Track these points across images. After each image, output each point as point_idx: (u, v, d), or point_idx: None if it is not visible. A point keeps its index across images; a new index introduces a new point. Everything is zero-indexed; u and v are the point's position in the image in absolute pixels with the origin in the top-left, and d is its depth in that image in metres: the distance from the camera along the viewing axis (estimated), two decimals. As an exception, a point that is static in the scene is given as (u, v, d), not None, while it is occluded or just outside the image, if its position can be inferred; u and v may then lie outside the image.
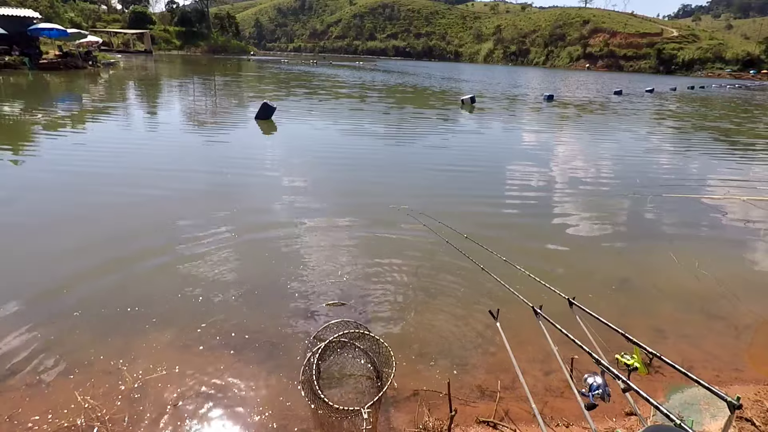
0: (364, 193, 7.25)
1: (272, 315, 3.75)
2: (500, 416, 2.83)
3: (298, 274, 4.40)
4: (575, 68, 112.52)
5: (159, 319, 3.57)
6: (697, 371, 3.34)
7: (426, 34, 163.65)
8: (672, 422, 1.34)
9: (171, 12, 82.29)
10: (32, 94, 17.62)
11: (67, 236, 5.02)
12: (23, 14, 28.25)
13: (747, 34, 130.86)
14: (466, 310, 3.98)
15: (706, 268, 5.14)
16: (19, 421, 2.56)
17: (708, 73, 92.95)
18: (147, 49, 60.93)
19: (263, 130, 12.26)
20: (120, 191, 6.55)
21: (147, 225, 5.46)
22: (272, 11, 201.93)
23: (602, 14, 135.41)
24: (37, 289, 3.92)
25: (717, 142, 14.73)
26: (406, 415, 2.81)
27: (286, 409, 2.78)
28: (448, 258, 4.74)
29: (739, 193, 8.30)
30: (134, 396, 2.79)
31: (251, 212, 6.08)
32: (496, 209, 6.84)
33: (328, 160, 9.34)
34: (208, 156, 9.17)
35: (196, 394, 2.84)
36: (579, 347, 1.86)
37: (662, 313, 4.13)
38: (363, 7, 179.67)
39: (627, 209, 7.13)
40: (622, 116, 20.82)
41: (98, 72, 29.21)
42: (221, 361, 3.15)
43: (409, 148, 11.00)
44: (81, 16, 58.12)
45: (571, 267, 4.97)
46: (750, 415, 2.87)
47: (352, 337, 3.13)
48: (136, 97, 19.02)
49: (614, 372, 1.65)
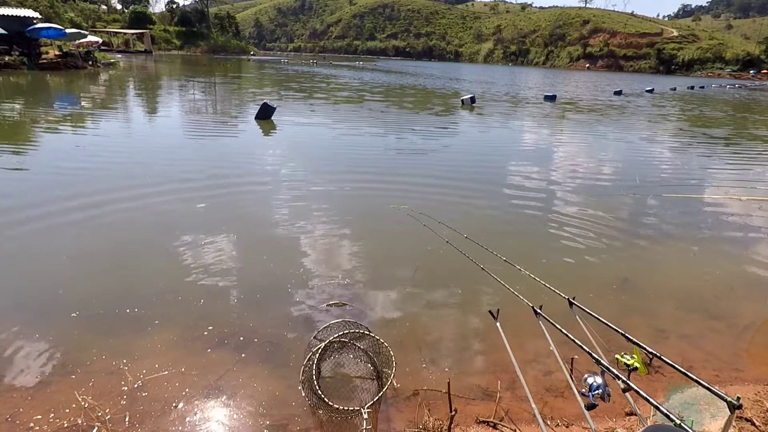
0: (364, 193, 7.25)
1: (272, 315, 3.75)
2: (500, 416, 2.83)
3: (298, 274, 4.40)
4: (575, 68, 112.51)
5: (159, 319, 3.57)
6: (697, 371, 3.34)
7: (426, 34, 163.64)
8: (672, 422, 1.34)
9: (171, 12, 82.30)
10: (32, 94, 17.62)
11: (67, 236, 5.02)
12: (23, 14, 28.23)
13: (747, 34, 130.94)
14: (466, 310, 3.98)
15: (706, 268, 5.15)
16: (20, 421, 2.56)
17: (708, 73, 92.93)
18: (147, 49, 60.93)
19: (263, 130, 12.26)
20: (119, 191, 6.55)
21: (146, 225, 5.46)
22: (272, 11, 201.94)
23: (602, 14, 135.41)
24: (37, 290, 3.93)
25: (717, 141, 14.73)
26: (406, 414, 2.81)
27: (286, 409, 2.78)
28: (448, 258, 4.74)
29: (739, 193, 8.30)
30: (135, 396, 2.79)
31: (251, 212, 6.09)
32: (497, 209, 6.84)
33: (328, 160, 9.34)
34: (207, 156, 9.17)
35: (197, 393, 2.84)
36: (579, 347, 1.86)
37: (662, 313, 4.14)
38: (363, 7, 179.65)
39: (627, 209, 7.13)
40: (622, 116, 20.82)
41: (98, 72, 29.21)
42: (222, 361, 3.16)
43: (409, 148, 11.00)
44: (81, 16, 58.10)
45: (571, 267, 4.97)
46: (750, 415, 2.87)
47: (352, 337, 3.14)
48: (135, 97, 19.02)
49: (614, 372, 1.66)
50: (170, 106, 16.82)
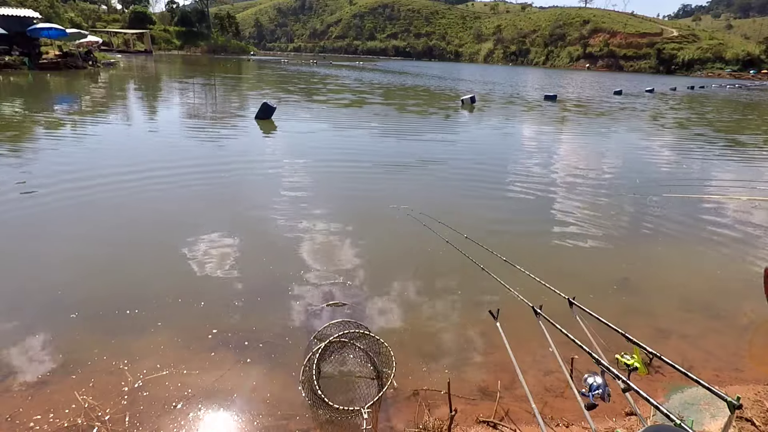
0: (365, 193, 7.26)
1: (272, 315, 3.75)
2: (500, 416, 2.83)
3: (298, 274, 4.40)
4: (575, 68, 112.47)
5: (159, 319, 3.57)
6: (697, 371, 3.34)
7: (426, 34, 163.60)
8: (672, 422, 1.34)
9: (171, 12, 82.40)
10: (32, 94, 17.62)
11: (67, 237, 5.02)
12: (23, 14, 28.23)
13: (747, 34, 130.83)
14: (466, 310, 3.98)
15: (706, 268, 5.15)
16: (20, 421, 2.56)
17: (708, 73, 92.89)
18: (147, 49, 60.97)
19: (263, 130, 12.27)
20: (118, 192, 6.55)
21: (146, 225, 5.46)
22: (272, 11, 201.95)
23: (602, 14, 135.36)
24: (37, 290, 3.93)
25: (717, 141, 14.73)
26: (406, 414, 2.81)
27: (286, 409, 2.78)
28: (448, 258, 4.74)
29: (740, 193, 8.30)
30: (135, 396, 2.79)
31: (251, 212, 6.09)
32: (497, 209, 6.84)
33: (327, 159, 9.34)
34: (207, 156, 9.17)
35: (197, 393, 2.84)
36: (579, 347, 1.86)
37: (662, 313, 4.14)
38: (363, 7, 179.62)
39: (627, 209, 7.13)
40: (622, 116, 20.81)
41: (98, 72, 29.21)
42: (222, 360, 3.16)
43: (409, 148, 10.99)
44: (81, 16, 58.16)
45: (571, 267, 4.97)
46: (750, 415, 2.87)
47: (352, 336, 3.14)
48: (135, 97, 19.02)
49: (614, 372, 1.66)
50: (170, 107, 16.81)
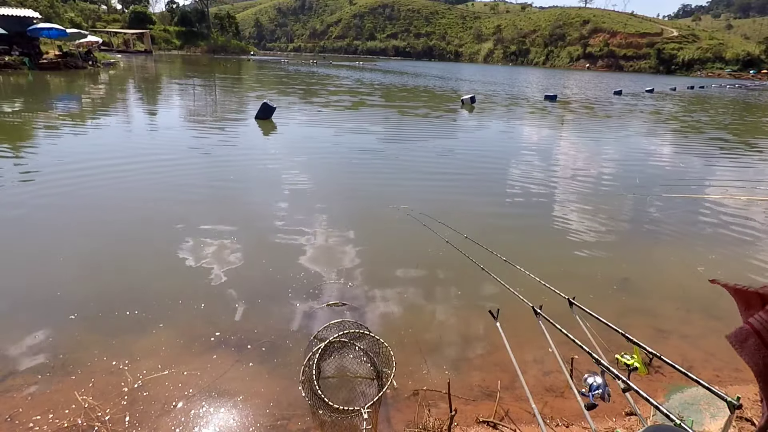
0: (365, 193, 7.25)
1: (272, 315, 3.75)
2: (500, 416, 2.83)
3: (298, 274, 4.40)
4: (575, 68, 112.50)
5: (159, 319, 3.57)
6: (697, 371, 3.34)
7: (426, 34, 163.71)
8: (672, 422, 1.34)
9: (171, 12, 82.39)
10: (32, 94, 17.62)
11: (67, 237, 5.02)
12: (23, 14, 28.19)
13: (747, 34, 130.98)
14: (466, 310, 3.98)
15: (706, 268, 5.14)
16: (20, 421, 2.56)
17: (708, 73, 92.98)
18: (147, 49, 60.96)
19: (263, 130, 12.26)
20: (118, 192, 6.55)
21: (145, 226, 5.46)
22: (272, 11, 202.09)
23: (602, 14, 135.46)
24: (37, 290, 3.92)
25: (717, 141, 14.72)
26: (406, 415, 2.81)
27: (286, 409, 2.78)
28: (448, 258, 4.74)
29: (739, 193, 8.30)
30: (135, 396, 2.79)
31: (251, 212, 6.09)
32: (496, 209, 6.84)
33: (328, 160, 9.34)
34: (207, 156, 9.16)
35: (197, 393, 2.84)
36: (579, 347, 1.86)
37: (662, 313, 4.14)
38: (363, 7, 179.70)
39: (627, 209, 7.13)
40: (622, 116, 20.81)
41: (98, 72, 29.21)
42: (222, 361, 3.16)
43: (409, 148, 10.99)
44: (81, 16, 58.15)
45: (571, 267, 4.97)
46: (750, 415, 2.87)
47: (352, 337, 3.14)
48: (135, 97, 19.02)
49: (614, 372, 1.65)
50: (170, 107, 16.80)
